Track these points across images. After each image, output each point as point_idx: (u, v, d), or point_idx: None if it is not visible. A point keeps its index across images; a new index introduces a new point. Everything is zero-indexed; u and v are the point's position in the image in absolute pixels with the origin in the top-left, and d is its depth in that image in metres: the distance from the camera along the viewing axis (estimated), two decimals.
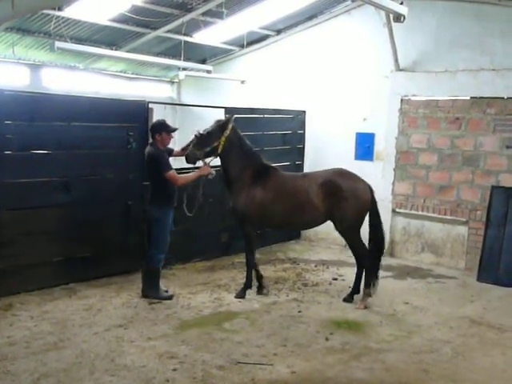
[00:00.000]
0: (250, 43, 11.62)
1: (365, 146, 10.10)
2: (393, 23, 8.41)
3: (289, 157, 10.44)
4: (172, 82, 13.36)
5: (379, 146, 9.92)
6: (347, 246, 7.56)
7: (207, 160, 7.08)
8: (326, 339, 5.87)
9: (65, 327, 5.92)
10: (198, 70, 11.71)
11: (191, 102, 12.57)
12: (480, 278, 8.31)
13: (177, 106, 12.78)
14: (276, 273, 8.40)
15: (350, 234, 7.14)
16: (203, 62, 12.33)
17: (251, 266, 7.31)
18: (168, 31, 10.34)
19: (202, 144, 6.94)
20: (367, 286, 7.10)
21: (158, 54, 11.45)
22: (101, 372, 4.89)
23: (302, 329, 6.16)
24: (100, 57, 10.84)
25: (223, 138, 6.97)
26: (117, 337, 5.68)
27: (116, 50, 10.64)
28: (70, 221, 7.25)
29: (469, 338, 6.07)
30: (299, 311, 6.74)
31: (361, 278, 7.25)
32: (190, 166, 7.30)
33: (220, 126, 7.02)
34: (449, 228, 9.13)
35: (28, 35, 9.57)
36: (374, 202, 7.23)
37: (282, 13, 10.22)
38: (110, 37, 10.36)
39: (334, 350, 5.60)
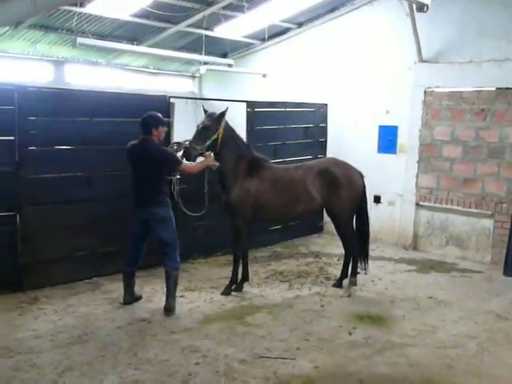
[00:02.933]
0: (272, 36, 11.57)
1: (388, 139, 10.00)
2: (416, 13, 8.29)
3: (311, 150, 10.38)
4: (193, 77, 13.38)
5: (402, 138, 9.80)
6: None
7: (208, 152, 6.86)
8: (349, 333, 5.83)
9: (88, 321, 5.98)
10: (220, 64, 11.70)
11: (213, 97, 12.57)
12: (506, 272, 8.17)
13: (198, 101, 12.78)
14: (298, 267, 8.37)
15: (344, 221, 7.29)
16: (224, 56, 12.32)
17: (238, 261, 7.17)
18: (189, 26, 10.35)
19: (201, 138, 6.75)
20: (353, 274, 7.31)
21: (179, 49, 11.46)
22: (124, 365, 4.93)
23: (324, 323, 6.13)
24: (122, 52, 10.91)
25: (221, 130, 6.83)
26: (140, 331, 5.73)
27: (137, 45, 10.68)
28: (94, 216, 7.30)
29: (494, 333, 5.97)
30: (322, 305, 6.71)
31: (349, 263, 7.44)
32: None
33: (216, 119, 6.86)
34: (474, 221, 8.99)
35: (51, 32, 9.66)
36: (364, 190, 7.40)
37: (303, 5, 10.15)
38: (132, 32, 10.41)
39: (356, 345, 5.56)
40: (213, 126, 6.82)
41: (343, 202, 7.10)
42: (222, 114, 6.91)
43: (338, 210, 7.18)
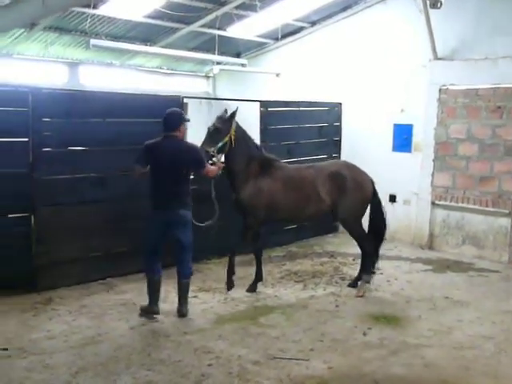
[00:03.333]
0: (285, 36, 11.54)
1: (403, 138, 9.90)
2: (430, 10, 8.20)
3: (325, 149, 10.32)
4: (207, 77, 13.38)
5: (417, 137, 9.70)
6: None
7: (219, 155, 6.78)
8: (364, 334, 5.77)
9: (102, 322, 5.99)
10: (233, 64, 11.69)
11: (226, 96, 12.56)
12: None
13: (212, 101, 12.77)
14: (313, 267, 8.32)
15: (352, 224, 7.29)
16: (238, 55, 12.30)
17: (234, 256, 7.12)
18: (202, 26, 10.36)
19: (213, 140, 6.71)
20: (366, 272, 7.27)
21: (192, 49, 11.47)
22: (137, 366, 4.92)
23: (339, 323, 6.08)
24: (135, 53, 10.94)
25: (232, 132, 6.81)
26: (153, 331, 5.72)
27: (151, 45, 10.71)
28: (107, 216, 7.31)
29: None
30: (336, 305, 6.66)
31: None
32: None
33: (227, 120, 6.85)
34: (491, 220, 8.86)
35: (65, 34, 9.73)
36: (375, 194, 7.38)
37: (316, 4, 10.11)
38: (145, 33, 10.45)
39: (371, 346, 5.50)
40: (224, 127, 6.80)
41: (351, 205, 7.13)
42: (233, 114, 6.87)
43: (346, 213, 7.20)
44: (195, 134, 8.30)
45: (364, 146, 10.17)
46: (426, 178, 9.49)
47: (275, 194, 7.02)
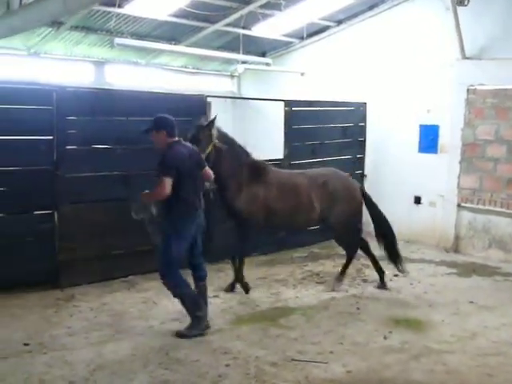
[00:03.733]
0: (310, 35, 11.47)
1: (429, 139, 9.74)
2: (458, 8, 8.05)
3: (350, 150, 10.22)
4: (232, 76, 13.38)
5: (444, 138, 9.52)
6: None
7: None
8: (384, 338, 5.67)
9: (122, 319, 6.02)
10: (258, 64, 11.66)
11: (251, 96, 12.54)
12: None
13: (237, 100, 12.75)
14: (335, 268, 8.21)
15: (340, 233, 7.36)
16: (263, 55, 12.27)
17: (238, 267, 6.95)
18: (227, 25, 10.35)
19: None
20: (342, 273, 7.37)
21: (217, 48, 11.48)
22: (154, 365, 4.91)
23: (359, 326, 5.99)
24: (160, 52, 10.99)
25: (215, 141, 6.47)
26: (172, 330, 5.70)
27: (176, 44, 10.74)
28: (130, 215, 7.32)
29: None
30: (357, 308, 6.57)
31: (377, 262, 7.45)
32: None
33: (206, 129, 6.42)
34: None
35: (91, 33, 9.81)
36: (366, 197, 7.45)
37: (342, 3, 10.02)
38: (170, 32, 10.48)
39: (392, 350, 5.40)
40: (203, 136, 6.38)
41: (340, 215, 7.12)
42: (211, 123, 6.50)
43: (335, 222, 7.19)
44: None
45: (389, 146, 10.05)
46: (453, 180, 9.32)
47: (271, 199, 6.89)
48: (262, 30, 10.73)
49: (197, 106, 7.94)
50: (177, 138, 5.65)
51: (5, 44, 9.04)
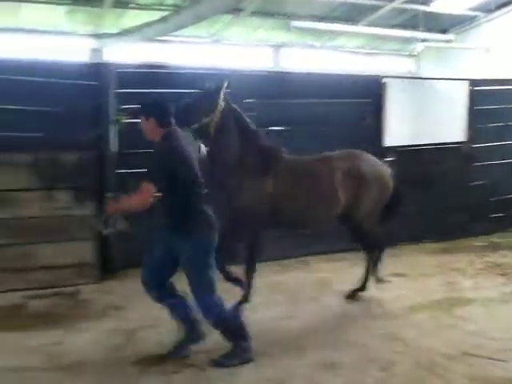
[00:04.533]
0: (499, 7, 10.58)
1: None
2: None
3: None
4: (411, 56, 12.87)
5: None
6: None
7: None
8: None
9: (296, 298, 6.12)
10: (438, 41, 11.09)
11: (431, 76, 11.95)
12: None
13: (415, 80, 12.21)
14: None
15: (369, 226, 5.98)
16: (443, 32, 11.62)
17: (251, 276, 5.61)
18: (405, 1, 9.97)
19: (185, 120, 4.75)
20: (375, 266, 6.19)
21: (395, 27, 11.12)
22: (323, 345, 4.92)
23: None
24: (337, 34, 10.93)
25: (217, 113, 5.01)
26: (341, 313, 5.70)
27: (352, 25, 10.60)
28: None
29: None
30: None
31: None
32: None
33: (210, 95, 5.03)
34: None
35: (269, 17, 10.07)
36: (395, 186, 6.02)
37: None
38: (347, 12, 10.41)
39: None
40: (205, 104, 4.99)
41: (371, 203, 5.84)
42: (219, 88, 5.03)
43: (363, 216, 5.89)
44: (398, 114, 8.04)
45: None
46: None
47: (283, 196, 5.40)
48: (442, 5, 10.16)
49: (372, 87, 7.78)
50: (173, 128, 4.36)
51: (191, 33, 9.65)
